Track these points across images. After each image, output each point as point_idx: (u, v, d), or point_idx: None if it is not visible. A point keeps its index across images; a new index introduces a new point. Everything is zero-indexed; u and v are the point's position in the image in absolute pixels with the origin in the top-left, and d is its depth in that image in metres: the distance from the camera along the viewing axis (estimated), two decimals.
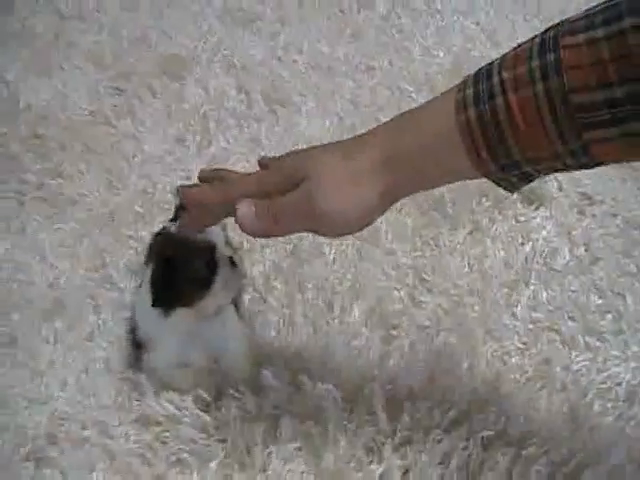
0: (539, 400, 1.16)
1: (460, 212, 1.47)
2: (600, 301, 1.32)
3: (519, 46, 0.71)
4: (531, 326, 1.28)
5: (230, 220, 0.86)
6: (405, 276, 1.36)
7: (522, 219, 1.48)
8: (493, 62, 0.73)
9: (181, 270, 1.07)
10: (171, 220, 1.18)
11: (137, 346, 1.17)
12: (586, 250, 1.41)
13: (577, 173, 1.53)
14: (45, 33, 2.00)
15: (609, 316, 1.29)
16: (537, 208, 1.50)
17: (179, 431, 1.10)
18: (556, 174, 1.46)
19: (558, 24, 0.69)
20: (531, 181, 0.76)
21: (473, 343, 1.24)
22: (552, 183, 1.53)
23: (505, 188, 0.78)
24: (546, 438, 1.08)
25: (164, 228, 1.17)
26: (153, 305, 1.08)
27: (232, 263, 1.09)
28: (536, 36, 0.70)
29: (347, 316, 1.28)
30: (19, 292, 1.34)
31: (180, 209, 1.10)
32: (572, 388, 1.18)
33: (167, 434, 1.11)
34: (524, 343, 1.25)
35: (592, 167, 0.71)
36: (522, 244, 1.42)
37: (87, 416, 1.15)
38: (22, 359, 1.23)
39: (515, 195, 1.50)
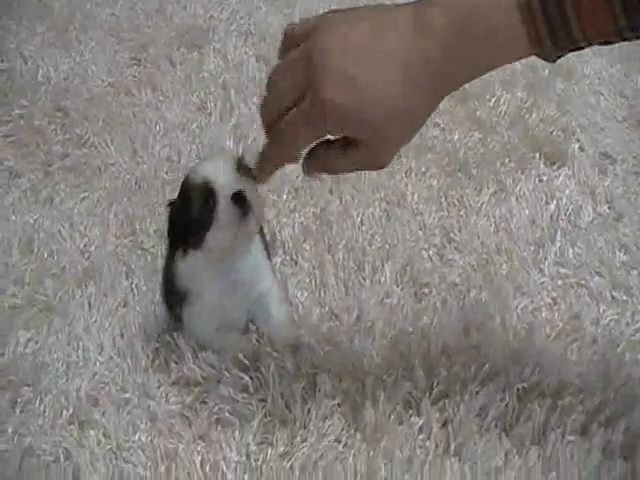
0: (571, 353, 1.17)
1: (484, 173, 1.50)
2: (625, 257, 1.34)
3: None
4: (559, 282, 1.30)
5: None
6: (433, 236, 1.38)
7: (545, 179, 1.50)
8: None
9: (181, 211, 1.08)
10: None
11: (175, 303, 1.19)
12: (609, 208, 1.44)
13: (597, 134, 1.56)
14: (61, 6, 2.00)
15: (635, 272, 1.32)
16: (559, 168, 1.52)
17: (219, 391, 1.12)
18: (577, 135, 1.51)
19: None
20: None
21: (504, 299, 1.25)
22: (573, 144, 1.55)
23: (546, 59, 0.77)
24: (580, 389, 1.09)
25: None
26: (170, 246, 1.13)
27: (239, 199, 1.03)
28: None
29: (378, 276, 1.30)
30: (51, 260, 1.35)
31: None
32: (602, 341, 1.19)
33: (207, 394, 1.12)
34: (553, 299, 1.27)
35: None
36: (546, 203, 1.45)
37: (126, 379, 1.16)
38: (59, 325, 1.24)
39: (537, 156, 1.53)
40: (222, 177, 1.04)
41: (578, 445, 1.02)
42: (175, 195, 1.10)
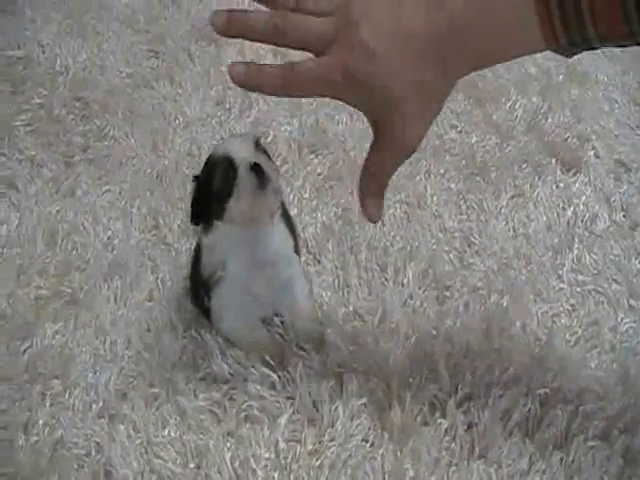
0: (591, 359, 1.20)
1: (502, 177, 1.52)
2: None
3: None
4: (578, 289, 1.32)
5: None
6: (453, 239, 1.40)
7: (561, 185, 1.52)
8: None
9: (204, 185, 1.11)
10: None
11: (203, 293, 1.20)
12: (625, 216, 1.46)
13: (612, 142, 1.58)
14: None
15: None
16: (575, 174, 1.54)
17: (247, 388, 1.13)
18: (592, 142, 1.53)
19: None
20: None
21: (524, 304, 1.28)
22: (589, 151, 1.58)
23: (562, 54, 0.79)
24: (600, 395, 1.12)
25: None
26: (191, 222, 1.15)
27: (257, 170, 1.07)
28: None
29: (401, 277, 1.32)
30: (76, 253, 1.36)
31: None
32: (621, 348, 1.22)
33: (235, 391, 1.14)
34: (572, 305, 1.29)
35: None
36: (563, 209, 1.47)
37: (154, 374, 1.17)
38: (85, 318, 1.25)
39: (553, 162, 1.55)
40: (242, 151, 1.09)
41: (599, 451, 1.05)
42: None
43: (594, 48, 0.76)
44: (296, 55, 0.84)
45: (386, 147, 0.86)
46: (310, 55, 0.84)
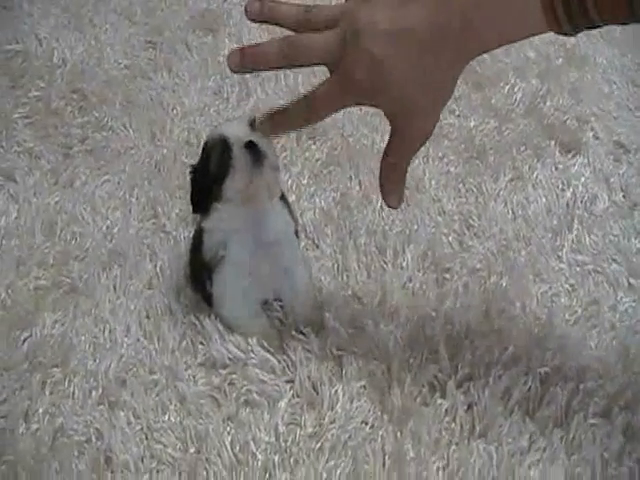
0: (590, 338, 1.20)
1: (501, 160, 1.52)
2: None
3: None
4: (577, 269, 1.32)
5: None
6: (452, 222, 1.40)
7: (560, 167, 1.53)
8: None
9: (201, 169, 1.11)
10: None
11: (204, 278, 1.20)
12: (624, 196, 1.46)
13: (611, 123, 1.58)
14: None
15: None
16: (574, 156, 1.54)
17: (246, 372, 1.13)
18: (591, 124, 1.53)
19: None
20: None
21: (524, 285, 1.28)
22: (588, 133, 1.58)
23: (565, 35, 0.79)
24: (600, 373, 1.11)
25: None
26: (193, 212, 1.16)
27: (252, 148, 1.06)
28: None
29: (400, 260, 1.32)
30: (75, 243, 1.36)
31: None
32: (621, 327, 1.22)
33: (234, 376, 1.13)
34: (571, 285, 1.29)
35: None
36: (562, 190, 1.47)
37: (154, 360, 1.17)
38: (85, 307, 1.25)
39: (552, 144, 1.55)
40: (236, 130, 1.08)
41: (600, 428, 1.05)
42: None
43: (598, 26, 0.77)
44: None
45: (403, 139, 0.89)
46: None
